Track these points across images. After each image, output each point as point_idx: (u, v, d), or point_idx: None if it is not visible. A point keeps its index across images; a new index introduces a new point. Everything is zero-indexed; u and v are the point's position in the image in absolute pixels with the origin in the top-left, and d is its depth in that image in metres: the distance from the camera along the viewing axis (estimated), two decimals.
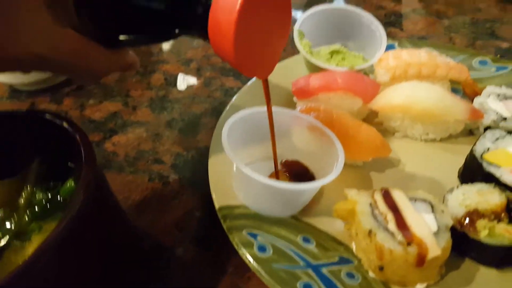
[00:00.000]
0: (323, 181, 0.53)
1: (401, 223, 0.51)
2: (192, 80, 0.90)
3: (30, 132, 0.49)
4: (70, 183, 0.48)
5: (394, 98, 0.69)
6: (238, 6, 0.37)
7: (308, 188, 0.54)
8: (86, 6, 0.42)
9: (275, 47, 0.47)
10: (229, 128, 0.57)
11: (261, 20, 0.41)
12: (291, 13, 0.46)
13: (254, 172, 0.52)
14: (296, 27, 0.78)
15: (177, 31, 0.44)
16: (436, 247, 0.48)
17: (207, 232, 0.62)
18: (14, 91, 0.89)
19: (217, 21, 0.39)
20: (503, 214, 0.54)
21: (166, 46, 1.02)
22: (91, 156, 0.43)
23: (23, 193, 0.49)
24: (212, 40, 0.40)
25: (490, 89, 0.75)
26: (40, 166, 0.51)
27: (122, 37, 0.45)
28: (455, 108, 0.68)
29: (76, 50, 0.42)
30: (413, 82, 0.71)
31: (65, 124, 0.44)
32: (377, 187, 0.63)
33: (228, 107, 0.73)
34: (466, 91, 0.80)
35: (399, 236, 0.49)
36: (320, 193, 0.62)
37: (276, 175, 0.61)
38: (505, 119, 0.69)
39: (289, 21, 0.47)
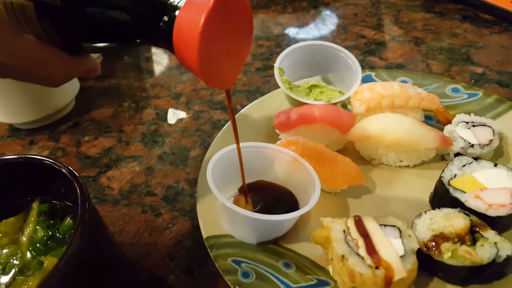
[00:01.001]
0: (300, 212, 0.59)
1: (371, 248, 0.55)
2: (182, 114, 0.96)
3: (31, 175, 0.54)
4: (68, 221, 0.53)
5: (368, 129, 0.74)
6: (202, 19, 0.38)
7: (285, 218, 0.59)
8: (48, 14, 0.42)
9: (237, 59, 0.49)
10: (213, 165, 0.63)
11: (224, 34, 0.43)
12: (252, 27, 0.48)
13: (236, 206, 0.57)
14: (276, 65, 0.84)
15: (140, 40, 0.45)
16: (402, 270, 0.53)
17: (197, 260, 0.66)
18: (13, 130, 0.94)
19: (182, 33, 0.40)
20: (466, 237, 0.59)
21: (156, 81, 1.08)
22: (86, 198, 0.48)
23: (25, 231, 0.54)
24: (176, 51, 0.42)
25: (459, 117, 0.80)
26: (40, 205, 0.56)
27: (84, 44, 0.45)
28: (425, 137, 0.74)
29: (37, 57, 0.42)
30: (385, 114, 0.76)
31: (63, 169, 0.49)
32: (354, 213, 0.68)
33: (214, 142, 0.79)
34: (438, 118, 0.85)
35: (368, 260, 0.54)
36: (301, 220, 0.67)
37: (245, 197, 0.66)
38: (472, 145, 0.74)
39: (251, 34, 0.48)
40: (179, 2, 0.41)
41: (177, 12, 0.40)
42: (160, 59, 1.18)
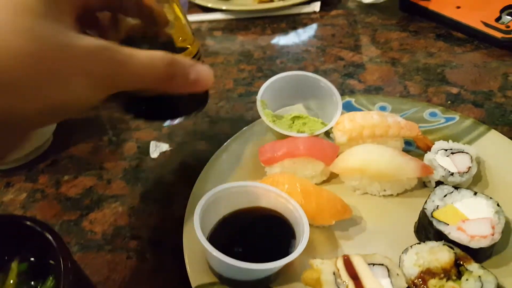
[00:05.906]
0: (288, 259, 0.58)
1: None
2: (165, 146, 0.94)
3: (10, 234, 0.52)
4: (50, 282, 0.52)
5: (350, 161, 0.75)
6: None
7: (273, 267, 0.58)
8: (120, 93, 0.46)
9: None
10: (201, 210, 0.62)
11: None
12: None
13: (226, 256, 0.56)
14: (258, 97, 0.84)
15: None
16: None
17: None
18: None
19: None
20: (452, 271, 0.60)
21: None
22: (68, 258, 0.47)
23: None
24: None
25: (438, 144, 0.82)
26: (20, 264, 0.54)
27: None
28: (406, 167, 0.75)
29: None
30: (366, 146, 0.77)
31: (44, 231, 0.48)
32: (342, 247, 0.69)
33: (199, 178, 0.78)
34: (418, 145, 0.87)
35: None
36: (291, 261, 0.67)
37: None
38: (452, 174, 0.76)
39: None
40: None
41: None
42: None
